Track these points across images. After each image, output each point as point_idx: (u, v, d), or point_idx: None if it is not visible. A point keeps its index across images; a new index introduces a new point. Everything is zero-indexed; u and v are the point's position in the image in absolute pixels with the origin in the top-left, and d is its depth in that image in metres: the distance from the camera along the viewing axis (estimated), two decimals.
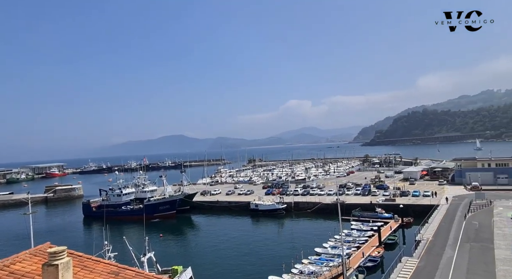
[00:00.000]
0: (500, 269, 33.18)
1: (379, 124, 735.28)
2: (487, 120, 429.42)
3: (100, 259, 10.69)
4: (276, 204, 77.44)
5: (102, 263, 10.38)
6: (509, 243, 40.27)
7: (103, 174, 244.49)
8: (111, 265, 10.54)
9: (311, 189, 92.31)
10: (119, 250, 39.35)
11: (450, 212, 58.52)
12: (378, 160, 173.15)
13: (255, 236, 62.58)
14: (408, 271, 34.60)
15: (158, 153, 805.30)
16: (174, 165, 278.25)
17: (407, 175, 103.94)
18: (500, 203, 62.40)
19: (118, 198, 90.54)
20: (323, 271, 38.71)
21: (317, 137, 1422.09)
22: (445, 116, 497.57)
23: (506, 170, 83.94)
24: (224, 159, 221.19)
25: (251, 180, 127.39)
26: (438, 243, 42.70)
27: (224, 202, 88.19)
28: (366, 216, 63.75)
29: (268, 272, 40.49)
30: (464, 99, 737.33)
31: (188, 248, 59.42)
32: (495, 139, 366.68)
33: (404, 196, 75.51)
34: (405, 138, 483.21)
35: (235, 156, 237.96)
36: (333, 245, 49.10)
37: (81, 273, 9.34)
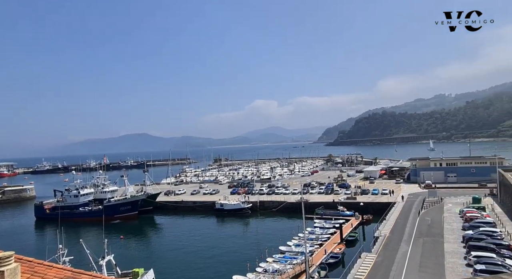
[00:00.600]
0: (449, 261, 35.70)
1: (342, 125, 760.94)
2: (439, 122, 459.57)
3: (53, 264, 10.02)
4: (242, 204, 77.50)
5: (55, 268, 9.73)
6: (456, 237, 43.43)
7: (58, 174, 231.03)
8: (65, 269, 9.92)
9: (276, 188, 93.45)
10: (76, 254, 37.32)
11: (406, 209, 61.96)
12: (341, 159, 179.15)
13: (220, 236, 62.20)
14: (367, 266, 36.14)
15: (120, 152, 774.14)
16: (136, 164, 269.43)
17: (367, 174, 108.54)
18: (449, 200, 67.14)
19: (75, 199, 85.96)
20: (287, 269, 39.34)
21: (283, 137, 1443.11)
22: (402, 118, 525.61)
23: (455, 169, 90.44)
24: (189, 159, 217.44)
25: (217, 180, 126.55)
26: (394, 238, 45.03)
27: (188, 202, 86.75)
28: (328, 214, 65.66)
29: (233, 271, 40.43)
30: (419, 102, 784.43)
31: (150, 250, 57.76)
32: (446, 140, 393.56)
33: (364, 195, 78.76)
34: (366, 139, 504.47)
35: (200, 155, 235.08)
36: (297, 243, 50.04)
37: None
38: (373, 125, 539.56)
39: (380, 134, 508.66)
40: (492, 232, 41.54)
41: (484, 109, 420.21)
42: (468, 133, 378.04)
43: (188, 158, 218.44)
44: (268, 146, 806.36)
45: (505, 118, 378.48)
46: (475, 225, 45.37)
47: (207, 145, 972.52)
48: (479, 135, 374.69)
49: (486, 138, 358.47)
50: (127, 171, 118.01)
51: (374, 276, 33.60)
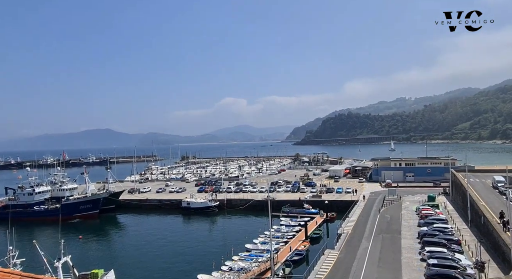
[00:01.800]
0: (405, 256, 37.64)
1: (309, 124, 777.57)
2: (400, 124, 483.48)
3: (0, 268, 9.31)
4: (209, 202, 76.82)
5: (1, 272, 9.05)
6: (413, 233, 45.87)
7: (11, 170, 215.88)
8: (13, 273, 9.24)
9: (244, 187, 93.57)
10: (28, 256, 35.14)
11: (368, 207, 64.53)
12: (308, 159, 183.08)
13: (186, 234, 61.29)
14: (330, 263, 37.21)
15: (81, 148, 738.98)
16: (99, 161, 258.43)
17: (333, 173, 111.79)
18: (407, 198, 70.77)
19: (30, 197, 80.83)
20: (252, 267, 39.53)
21: (251, 136, 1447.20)
22: (366, 119, 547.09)
23: (413, 169, 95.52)
24: (155, 156, 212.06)
25: (184, 178, 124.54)
26: (356, 235, 46.73)
27: (154, 200, 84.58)
28: (294, 212, 66.82)
29: (198, 270, 39.97)
30: (382, 104, 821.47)
31: (112, 250, 55.64)
32: (406, 142, 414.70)
33: (329, 193, 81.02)
34: (332, 139, 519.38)
35: (167, 152, 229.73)
36: (262, 241, 50.44)
37: None
38: (339, 126, 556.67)
39: (345, 134, 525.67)
40: (444, 228, 44.29)
41: (440, 112, 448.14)
42: (426, 135, 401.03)
43: (154, 155, 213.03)
44: (236, 144, 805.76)
45: (458, 122, 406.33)
46: (429, 221, 48.16)
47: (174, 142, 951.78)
48: (435, 137, 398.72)
49: (441, 140, 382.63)
50: (88, 168, 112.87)
51: (336, 272, 34.66)
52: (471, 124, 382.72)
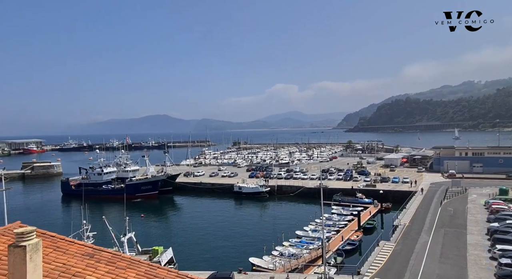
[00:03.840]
0: (471, 253, 34.65)
1: (363, 111, 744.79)
2: (466, 110, 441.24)
3: (75, 240, 10.17)
4: (260, 187, 77.84)
5: (77, 244, 9.86)
6: (480, 228, 42.03)
7: (83, 152, 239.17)
8: (86, 246, 10.04)
9: (294, 173, 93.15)
10: (99, 230, 38.78)
11: (427, 198, 60.40)
12: (361, 146, 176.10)
13: (238, 218, 63.00)
14: (385, 255, 35.66)
15: (142, 132, 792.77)
16: (157, 145, 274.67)
17: (388, 162, 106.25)
18: (474, 190, 64.88)
19: (99, 177, 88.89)
20: (303, 254, 39.43)
21: (302, 122, 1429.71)
22: (427, 105, 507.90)
23: (481, 159, 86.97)
24: (208, 141, 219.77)
25: (235, 163, 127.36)
26: (414, 228, 44.09)
27: (207, 184, 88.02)
28: (347, 201, 65.00)
29: (249, 253, 40.93)
30: (446, 89, 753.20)
31: (170, 229, 59.32)
32: (472, 129, 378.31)
33: (384, 182, 77.29)
34: (388, 126, 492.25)
35: (220, 138, 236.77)
36: (313, 229, 49.96)
37: (53, 255, 8.81)
38: (396, 112, 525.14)
39: (402, 121, 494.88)
40: None
41: None
42: (497, 122, 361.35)
43: (208, 140, 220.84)
44: (287, 130, 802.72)
45: None
46: (501, 217, 43.70)
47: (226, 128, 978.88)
48: (509, 124, 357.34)
49: None
50: (148, 152, 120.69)
51: (392, 264, 33.13)
52: None
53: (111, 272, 8.91)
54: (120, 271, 9.08)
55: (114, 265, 9.36)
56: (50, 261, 8.29)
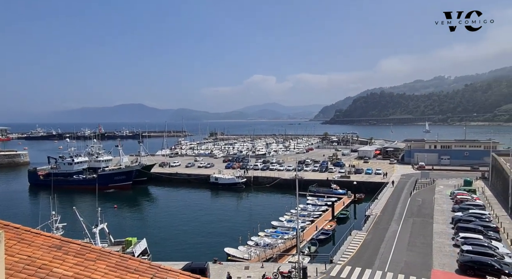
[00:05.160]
0: (436, 241, 36.48)
1: (339, 103, 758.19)
2: (436, 104, 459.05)
3: (41, 232, 9.70)
4: (236, 178, 77.97)
5: (43, 236, 9.40)
6: (446, 218, 44.24)
7: (52, 141, 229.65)
8: (53, 238, 9.60)
9: (271, 164, 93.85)
10: (69, 221, 37.46)
11: (398, 189, 62.77)
12: (337, 138, 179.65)
13: (214, 209, 62.95)
14: (357, 243, 36.87)
15: (115, 121, 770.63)
16: (132, 135, 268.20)
17: (362, 153, 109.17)
18: (441, 182, 68.03)
19: (69, 166, 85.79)
20: (278, 243, 40.07)
21: (280, 114, 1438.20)
22: (400, 99, 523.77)
23: (448, 152, 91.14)
24: (185, 131, 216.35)
25: (212, 154, 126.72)
26: (385, 218, 45.79)
27: (183, 175, 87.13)
28: (322, 191, 66.36)
29: (225, 244, 41.11)
30: (418, 83, 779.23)
31: (144, 220, 58.45)
32: (441, 123, 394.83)
33: (358, 174, 79.45)
34: (363, 118, 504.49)
35: (196, 128, 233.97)
36: (289, 219, 50.80)
37: (17, 247, 8.36)
38: (371, 105, 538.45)
39: (377, 114, 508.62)
40: (481, 215, 42.29)
41: (482, 92, 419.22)
42: (465, 116, 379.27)
43: (184, 130, 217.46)
44: (264, 122, 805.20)
45: (502, 103, 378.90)
46: (465, 207, 46.14)
47: (203, 118, 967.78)
48: (475, 118, 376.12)
49: (481, 122, 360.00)
50: (122, 141, 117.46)
51: (363, 252, 34.32)
52: None
53: (80, 264, 8.59)
54: (89, 263, 8.77)
55: (83, 257, 9.04)
56: (14, 254, 7.87)
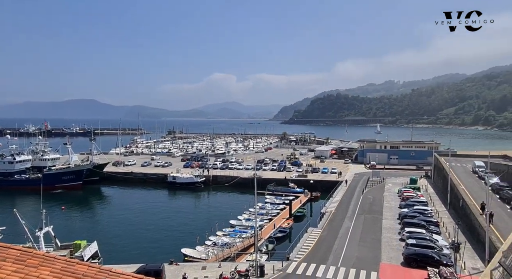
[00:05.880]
0: (385, 236, 38.78)
1: (298, 104, 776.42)
2: (387, 107, 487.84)
3: None
4: (195, 177, 76.78)
5: None
6: (393, 214, 47.16)
7: None
8: None
9: (230, 163, 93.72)
10: (9, 225, 34.49)
11: (351, 188, 65.76)
12: (295, 138, 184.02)
13: (171, 209, 61.43)
14: (312, 240, 38.05)
15: (64, 117, 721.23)
16: (82, 132, 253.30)
17: (319, 153, 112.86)
18: (390, 180, 72.38)
19: (10, 165, 78.94)
20: (236, 242, 40.12)
21: (240, 113, 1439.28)
22: (355, 101, 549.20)
23: (397, 152, 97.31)
24: (141, 129, 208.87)
25: (170, 152, 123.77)
26: (339, 215, 47.75)
27: (139, 174, 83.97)
28: (280, 190, 67.55)
29: (182, 245, 40.28)
30: (371, 87, 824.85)
31: (95, 222, 55.44)
32: (391, 125, 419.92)
33: (314, 173, 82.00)
34: (320, 119, 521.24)
35: (154, 126, 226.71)
36: (247, 218, 51.07)
37: None
38: (328, 106, 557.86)
39: (333, 115, 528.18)
40: (424, 210, 45.64)
41: (427, 97, 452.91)
42: (412, 118, 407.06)
43: (140, 128, 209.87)
44: (224, 121, 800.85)
45: (443, 107, 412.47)
46: (410, 203, 49.51)
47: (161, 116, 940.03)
48: (420, 121, 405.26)
49: (426, 124, 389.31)
50: (71, 139, 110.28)
51: (318, 249, 35.50)
52: (455, 109, 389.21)
53: (20, 271, 7.93)
54: (31, 270, 8.13)
55: (24, 263, 8.36)
56: None
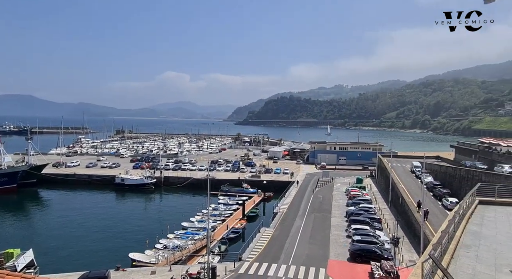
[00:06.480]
0: (333, 233, 40.55)
1: (252, 105, 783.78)
2: (336, 110, 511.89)
3: None
4: (145, 179, 73.85)
5: None
6: (341, 212, 49.51)
7: None
8: None
9: (183, 164, 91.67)
10: None
11: (303, 187, 67.84)
12: (249, 139, 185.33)
13: (119, 212, 58.36)
14: (265, 240, 38.55)
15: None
16: (17, 130, 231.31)
17: (272, 154, 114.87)
18: (339, 180, 75.93)
19: None
20: (188, 245, 39.28)
21: (194, 113, 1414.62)
22: (307, 103, 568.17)
23: (345, 153, 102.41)
24: (86, 128, 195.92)
25: (118, 153, 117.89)
26: (291, 214, 48.98)
27: (83, 176, 78.65)
28: (233, 191, 67.50)
29: (130, 249, 38.41)
30: (322, 90, 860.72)
31: (31, 228, 50.79)
32: (340, 127, 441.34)
33: (268, 173, 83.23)
34: (273, 120, 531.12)
35: (101, 125, 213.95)
36: (200, 219, 50.26)
37: None
38: (281, 108, 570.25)
39: (286, 117, 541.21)
40: (368, 208, 48.57)
41: (372, 101, 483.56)
42: (358, 121, 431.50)
43: (85, 127, 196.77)
44: (177, 120, 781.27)
45: (387, 111, 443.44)
46: (356, 202, 52.37)
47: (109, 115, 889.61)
48: (366, 124, 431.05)
49: (371, 127, 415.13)
50: (4, 138, 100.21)
51: (270, 248, 36.05)
52: (397, 113, 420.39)
53: None
54: None
55: None
56: None
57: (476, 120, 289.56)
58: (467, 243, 10.78)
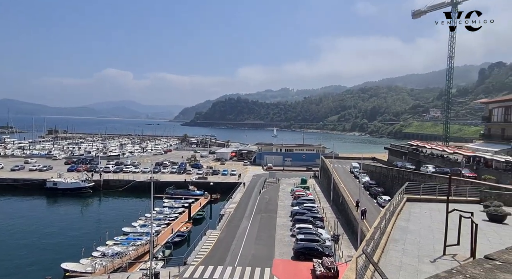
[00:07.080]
0: (278, 233, 41.56)
1: (199, 106, 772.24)
2: (282, 112, 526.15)
3: None
4: (81, 182, 68.66)
5: None
6: (286, 212, 50.94)
7: None
8: None
9: (124, 166, 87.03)
10: None
11: (250, 189, 68.51)
12: (196, 140, 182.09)
13: (50, 219, 53.45)
14: (211, 242, 38.16)
15: None
16: None
17: (219, 155, 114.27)
18: (284, 180, 78.06)
19: None
20: (129, 251, 37.36)
21: (137, 112, 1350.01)
22: (254, 105, 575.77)
23: (290, 154, 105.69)
24: (11, 127, 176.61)
25: (51, 154, 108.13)
26: (237, 215, 49.14)
27: (7, 180, 70.74)
28: (179, 193, 65.74)
29: (63, 259, 35.42)
30: (269, 93, 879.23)
31: None
32: (286, 129, 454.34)
33: (215, 175, 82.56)
34: (221, 122, 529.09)
35: (29, 124, 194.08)
36: (142, 224, 48.10)
37: None
38: (229, 109, 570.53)
39: (234, 118, 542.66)
40: (312, 207, 50.67)
41: (316, 105, 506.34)
42: (303, 124, 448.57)
43: (10, 126, 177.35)
44: (119, 120, 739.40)
45: (329, 115, 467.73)
46: (301, 201, 54.30)
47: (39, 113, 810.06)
48: (310, 126, 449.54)
49: (315, 129, 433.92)
50: None
51: (216, 251, 35.76)
52: (338, 117, 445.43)
53: None
54: None
55: None
56: None
57: (406, 125, 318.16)
58: (395, 238, 11.78)
